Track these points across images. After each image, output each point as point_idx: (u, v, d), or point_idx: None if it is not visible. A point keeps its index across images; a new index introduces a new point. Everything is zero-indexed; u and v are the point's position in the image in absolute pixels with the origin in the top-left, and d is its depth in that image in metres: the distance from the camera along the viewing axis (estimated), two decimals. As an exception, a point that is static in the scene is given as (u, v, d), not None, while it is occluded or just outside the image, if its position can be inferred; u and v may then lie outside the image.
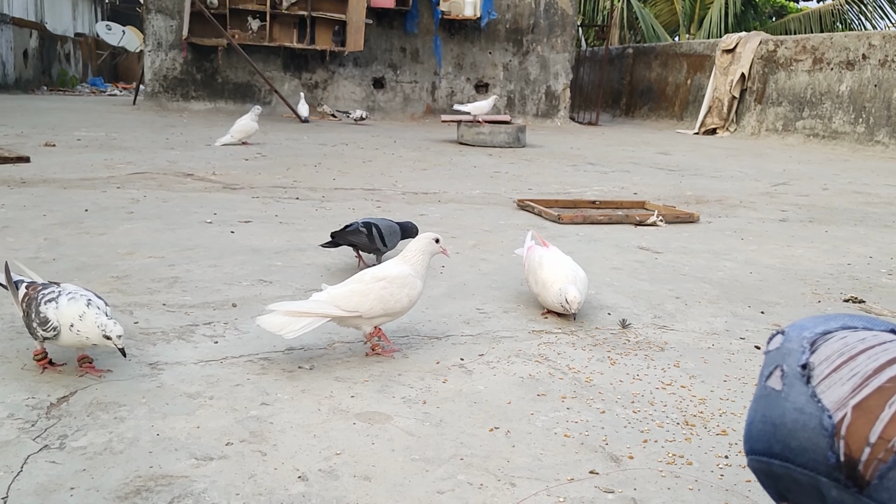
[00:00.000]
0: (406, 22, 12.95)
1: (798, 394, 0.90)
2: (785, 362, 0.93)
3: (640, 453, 1.64)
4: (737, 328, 2.57)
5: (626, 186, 6.14)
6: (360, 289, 2.08)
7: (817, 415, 0.87)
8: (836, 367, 0.89)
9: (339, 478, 1.48)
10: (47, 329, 1.82)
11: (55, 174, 5.19)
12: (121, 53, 23.85)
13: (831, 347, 0.91)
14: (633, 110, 16.17)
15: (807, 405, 0.88)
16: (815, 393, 0.88)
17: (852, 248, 4.02)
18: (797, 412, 0.89)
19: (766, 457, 0.94)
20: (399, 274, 2.15)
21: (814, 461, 0.87)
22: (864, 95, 10.81)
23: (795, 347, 0.94)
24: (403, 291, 2.12)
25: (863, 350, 0.89)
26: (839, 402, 0.86)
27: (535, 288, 2.60)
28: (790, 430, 0.90)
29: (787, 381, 0.92)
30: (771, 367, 0.96)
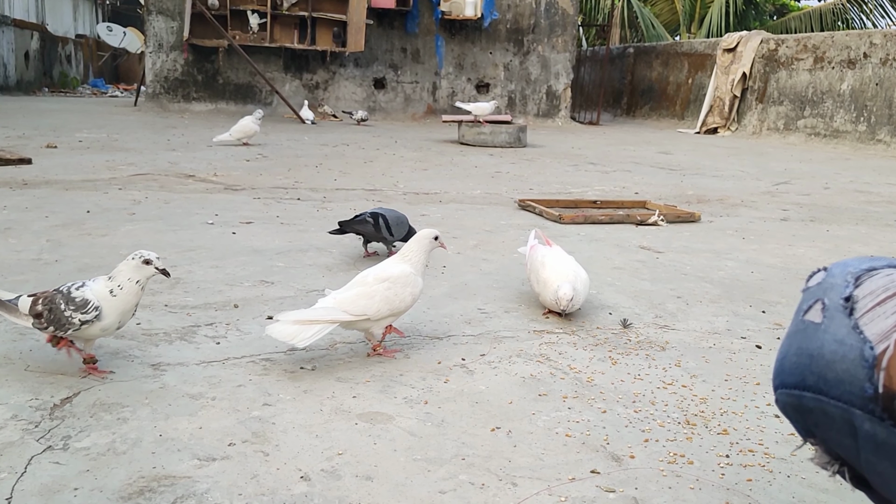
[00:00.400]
0: (407, 22, 12.96)
1: (839, 325, 0.88)
2: (826, 296, 0.92)
3: (641, 453, 1.65)
4: (738, 327, 2.57)
5: (627, 186, 6.15)
6: (366, 291, 2.09)
7: (858, 346, 0.85)
8: (880, 301, 0.87)
9: (342, 478, 1.48)
10: (88, 310, 1.81)
11: (57, 176, 5.20)
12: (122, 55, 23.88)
13: (877, 282, 0.90)
14: (634, 110, 16.17)
15: (848, 336, 0.87)
16: (858, 325, 0.87)
17: (854, 248, 4.02)
18: (837, 343, 0.87)
19: (799, 389, 0.92)
20: (401, 273, 2.16)
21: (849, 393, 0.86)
22: (866, 94, 10.80)
23: (839, 282, 0.92)
24: (406, 290, 2.14)
25: None
26: (882, 335, 0.84)
27: (537, 287, 2.60)
28: (828, 362, 0.88)
29: (829, 314, 0.90)
30: (810, 300, 0.94)
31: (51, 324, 1.85)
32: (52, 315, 1.84)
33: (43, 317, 1.85)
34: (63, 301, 1.83)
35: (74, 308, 1.82)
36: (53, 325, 1.85)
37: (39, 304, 1.86)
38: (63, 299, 1.83)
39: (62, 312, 1.82)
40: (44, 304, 1.86)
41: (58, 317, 1.83)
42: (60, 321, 1.84)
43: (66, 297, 1.83)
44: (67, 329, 1.84)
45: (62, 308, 1.82)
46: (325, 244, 3.53)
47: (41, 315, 1.85)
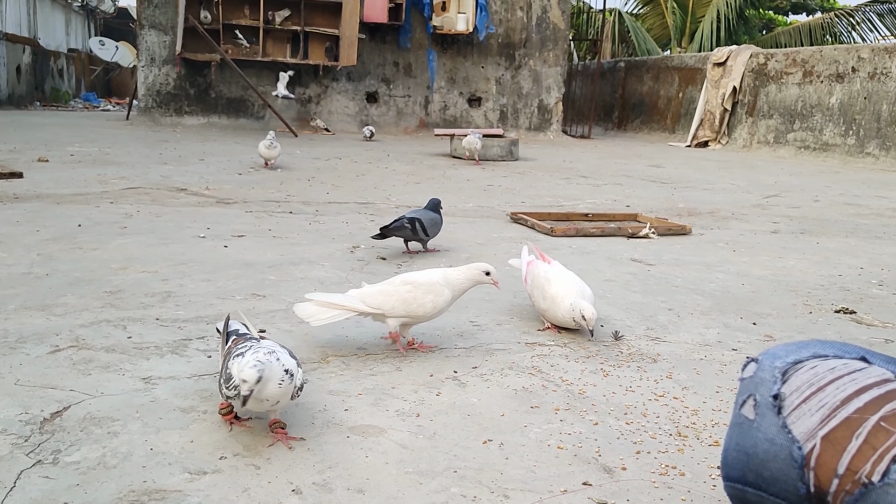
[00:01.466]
0: (399, 37, 13.02)
1: (769, 424, 0.91)
2: (757, 391, 0.94)
3: (633, 464, 1.65)
4: (729, 339, 2.58)
5: (618, 199, 6.17)
6: (388, 289, 2.23)
7: (787, 446, 0.88)
8: (806, 398, 0.90)
9: (333, 491, 1.48)
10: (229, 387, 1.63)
11: (48, 189, 5.19)
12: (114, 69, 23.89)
13: (802, 377, 0.92)
14: (625, 123, 16.26)
15: (778, 436, 0.89)
16: (786, 424, 0.89)
17: (843, 260, 4.04)
18: (769, 442, 0.90)
19: (741, 484, 0.95)
20: (427, 281, 2.24)
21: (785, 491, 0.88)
22: (855, 108, 10.89)
23: (767, 377, 0.95)
24: (428, 297, 2.22)
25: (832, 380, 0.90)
26: (809, 433, 0.87)
27: (543, 304, 2.59)
28: (762, 460, 0.91)
29: (760, 411, 0.93)
30: (745, 395, 0.97)
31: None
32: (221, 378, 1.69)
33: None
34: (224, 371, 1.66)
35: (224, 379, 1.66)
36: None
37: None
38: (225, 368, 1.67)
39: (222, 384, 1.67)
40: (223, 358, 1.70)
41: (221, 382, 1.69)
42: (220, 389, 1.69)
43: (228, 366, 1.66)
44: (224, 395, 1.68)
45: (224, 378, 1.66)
46: (316, 257, 3.53)
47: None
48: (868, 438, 0.82)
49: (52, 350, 2.16)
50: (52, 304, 2.61)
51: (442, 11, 13.14)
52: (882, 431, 0.82)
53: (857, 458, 0.82)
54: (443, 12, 13.14)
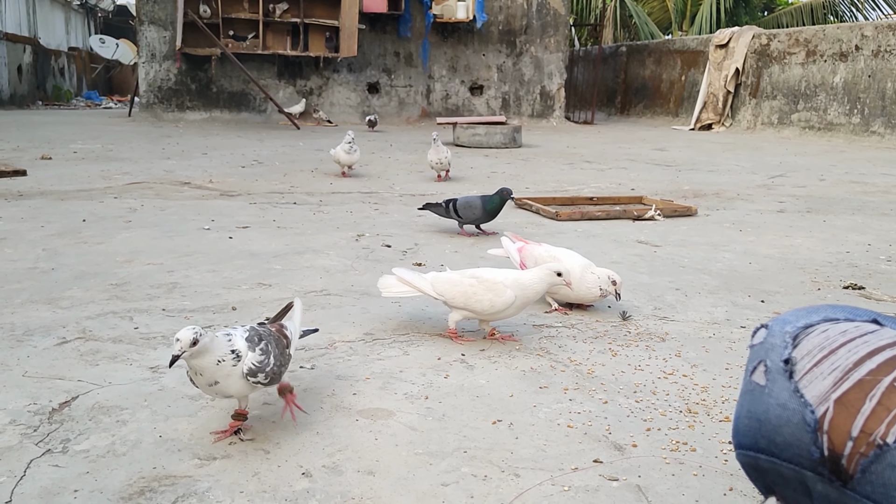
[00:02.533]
0: (399, 26, 12.97)
1: (781, 389, 0.90)
2: (768, 357, 0.93)
3: (643, 441, 1.64)
4: (737, 317, 2.57)
5: (623, 183, 6.14)
6: (454, 279, 2.26)
7: (800, 410, 0.87)
8: (817, 362, 0.89)
9: (343, 473, 1.47)
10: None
11: (52, 186, 5.19)
12: (115, 66, 23.86)
13: (813, 341, 0.91)
14: (628, 108, 16.19)
15: (790, 400, 0.88)
16: (798, 388, 0.88)
17: (850, 237, 4.02)
18: (780, 408, 0.89)
19: (753, 451, 0.94)
20: (491, 278, 2.23)
21: (798, 456, 0.87)
22: (859, 86, 10.82)
23: (778, 342, 0.93)
24: (487, 295, 2.20)
25: (843, 343, 0.89)
26: (821, 397, 0.86)
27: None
28: (774, 426, 0.90)
29: (771, 377, 0.92)
30: (755, 361, 0.96)
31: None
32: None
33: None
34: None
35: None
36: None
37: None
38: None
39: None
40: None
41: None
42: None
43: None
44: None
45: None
46: (321, 246, 3.53)
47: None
48: (882, 400, 0.81)
49: (59, 342, 2.16)
50: (59, 297, 2.61)
51: (441, 0, 13.08)
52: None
53: (871, 419, 0.81)
54: (442, 1, 13.09)
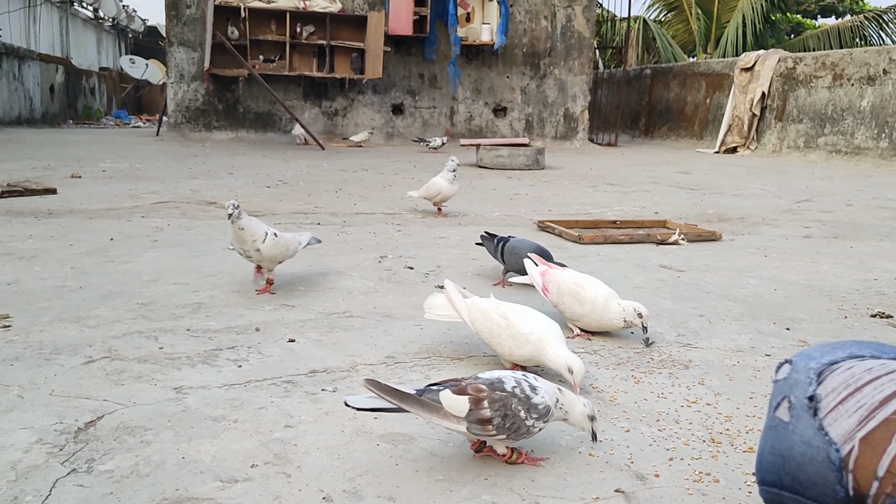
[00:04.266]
0: (424, 49, 13.09)
1: (805, 426, 0.89)
2: (792, 393, 0.93)
3: (666, 471, 1.63)
4: (762, 345, 2.54)
5: (646, 206, 6.12)
6: (489, 312, 2.20)
7: (824, 448, 0.86)
8: (842, 399, 0.88)
9: (364, 498, 1.48)
10: (547, 419, 1.62)
11: (81, 205, 5.27)
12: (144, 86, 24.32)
13: (837, 379, 0.90)
14: (652, 131, 16.16)
15: (814, 438, 0.87)
16: (823, 425, 0.87)
17: (878, 264, 3.97)
18: (805, 445, 0.88)
19: (777, 488, 0.93)
20: (518, 326, 2.12)
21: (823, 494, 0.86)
22: (887, 110, 10.72)
23: (802, 378, 0.93)
24: (508, 343, 2.13)
25: (869, 381, 0.88)
26: (846, 435, 0.85)
27: (580, 309, 2.55)
28: (798, 464, 0.89)
29: (795, 413, 0.91)
30: (779, 397, 0.95)
31: (504, 431, 1.56)
32: (509, 423, 1.56)
33: (493, 423, 1.55)
34: (523, 407, 1.57)
35: (537, 417, 1.59)
36: (508, 433, 1.57)
37: (486, 407, 1.55)
38: (523, 405, 1.57)
39: (523, 421, 1.57)
40: (494, 410, 1.55)
41: (518, 425, 1.57)
42: (520, 430, 1.58)
43: (527, 404, 1.58)
44: (523, 438, 1.60)
45: (522, 416, 1.57)
46: (344, 267, 3.55)
47: (489, 421, 1.55)
48: None
49: (85, 361, 2.19)
50: (86, 315, 2.65)
51: (466, 23, 13.20)
52: None
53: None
54: (467, 23, 13.20)
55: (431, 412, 1.57)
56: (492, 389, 1.58)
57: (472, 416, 1.55)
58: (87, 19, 23.85)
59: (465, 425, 1.56)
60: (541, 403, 1.60)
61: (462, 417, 1.56)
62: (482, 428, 1.56)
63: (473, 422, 1.55)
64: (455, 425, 1.57)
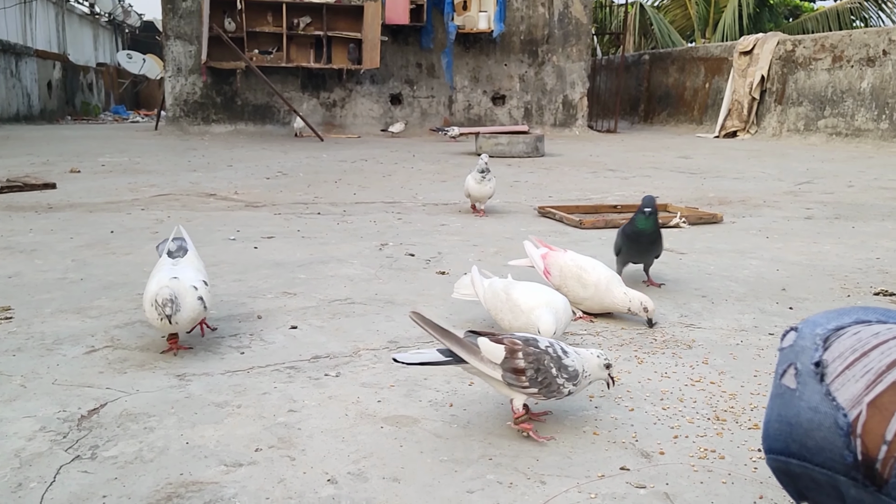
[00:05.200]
0: (421, 38, 13.04)
1: (812, 392, 0.88)
2: (798, 360, 0.92)
3: (671, 449, 1.62)
4: (765, 324, 2.54)
5: (647, 190, 6.10)
6: (496, 288, 2.28)
7: (832, 413, 0.85)
8: (849, 364, 0.87)
9: (369, 480, 1.47)
10: (578, 382, 1.68)
11: (81, 199, 5.27)
12: (142, 81, 24.25)
13: (844, 344, 0.89)
14: (651, 116, 16.12)
15: (821, 404, 0.87)
16: (830, 391, 0.87)
17: (881, 243, 3.96)
18: (812, 411, 0.88)
19: (784, 456, 0.93)
20: (516, 299, 2.19)
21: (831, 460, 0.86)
22: (887, 91, 10.68)
23: (808, 345, 0.92)
24: (507, 316, 2.21)
25: (876, 345, 0.87)
26: (854, 400, 0.84)
27: (583, 292, 2.54)
28: (806, 430, 0.88)
29: (801, 380, 0.90)
30: (785, 364, 0.94)
31: (536, 385, 1.64)
32: (542, 377, 1.64)
33: (526, 375, 1.63)
34: (555, 366, 1.65)
35: (567, 378, 1.66)
36: (540, 387, 1.65)
37: (520, 358, 1.64)
38: (555, 364, 1.65)
39: (555, 378, 1.65)
40: (528, 362, 1.64)
41: (549, 381, 1.65)
42: (551, 386, 1.65)
43: (559, 363, 1.65)
44: (553, 396, 1.68)
45: (554, 373, 1.64)
46: (345, 255, 3.54)
47: (523, 371, 1.63)
48: None
49: (87, 350, 2.19)
50: (87, 306, 2.64)
51: (463, 11, 13.14)
52: None
53: None
54: (464, 11, 13.14)
55: (470, 354, 1.65)
56: (526, 345, 1.67)
57: (507, 363, 1.63)
58: (84, 15, 23.78)
59: (501, 373, 1.64)
60: (571, 366, 1.67)
61: (498, 364, 1.64)
62: (516, 378, 1.64)
63: (508, 370, 1.63)
64: (491, 371, 1.64)
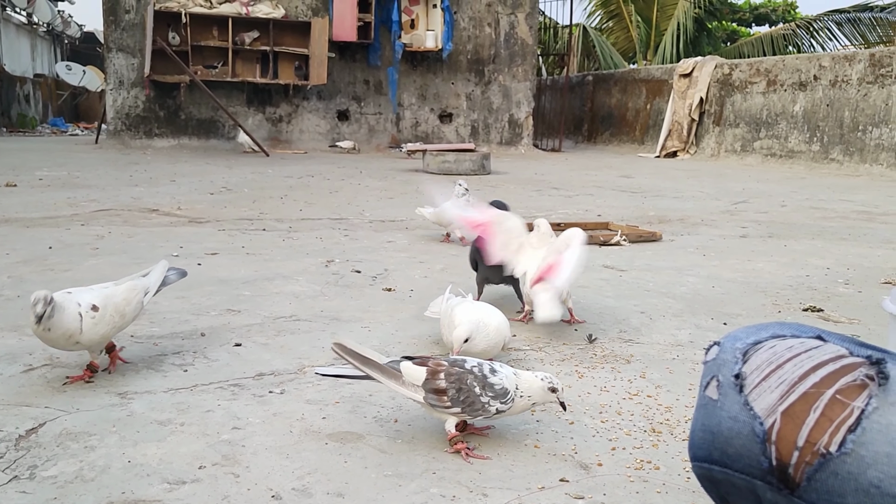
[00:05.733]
0: (369, 55, 13.08)
1: (732, 403, 0.95)
2: (720, 372, 0.98)
3: (608, 460, 1.68)
4: (700, 339, 2.63)
5: (590, 209, 6.24)
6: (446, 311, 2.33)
7: (749, 422, 0.92)
8: (765, 376, 0.94)
9: (313, 495, 1.49)
10: (507, 401, 1.69)
11: (17, 213, 5.14)
12: (82, 93, 23.68)
13: (761, 357, 0.96)
14: (595, 136, 16.44)
15: (740, 413, 0.93)
16: (748, 401, 0.93)
17: (810, 261, 4.13)
18: (732, 420, 0.94)
19: (707, 463, 0.99)
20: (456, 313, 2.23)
21: (749, 466, 0.92)
22: (818, 115, 11.12)
23: (729, 358, 0.98)
24: (448, 328, 2.23)
25: (789, 358, 0.94)
26: (769, 409, 0.91)
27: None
28: (727, 438, 0.95)
29: (723, 391, 0.96)
30: (708, 377, 1.00)
31: (459, 405, 1.68)
32: (464, 396, 1.68)
33: (448, 395, 1.68)
34: (479, 384, 1.68)
35: (493, 396, 1.68)
36: (463, 406, 1.68)
37: (441, 378, 1.69)
38: (479, 383, 1.68)
39: (478, 397, 1.68)
40: (450, 382, 1.68)
41: (472, 400, 1.68)
42: (475, 405, 1.68)
43: (483, 382, 1.68)
44: (479, 415, 1.70)
45: (477, 392, 1.68)
46: (291, 272, 3.54)
47: (444, 392, 1.68)
48: (825, 411, 0.86)
49: (25, 369, 2.15)
50: (25, 324, 2.58)
51: (411, 29, 13.24)
52: (838, 404, 0.86)
53: (815, 430, 0.86)
54: (412, 30, 13.25)
55: (391, 378, 1.73)
56: (451, 365, 1.72)
57: (428, 385, 1.70)
58: (21, 24, 23.15)
59: (423, 394, 1.70)
60: (497, 384, 1.69)
61: (419, 385, 1.70)
62: (438, 398, 1.69)
63: (430, 391, 1.69)
64: (413, 394, 1.71)
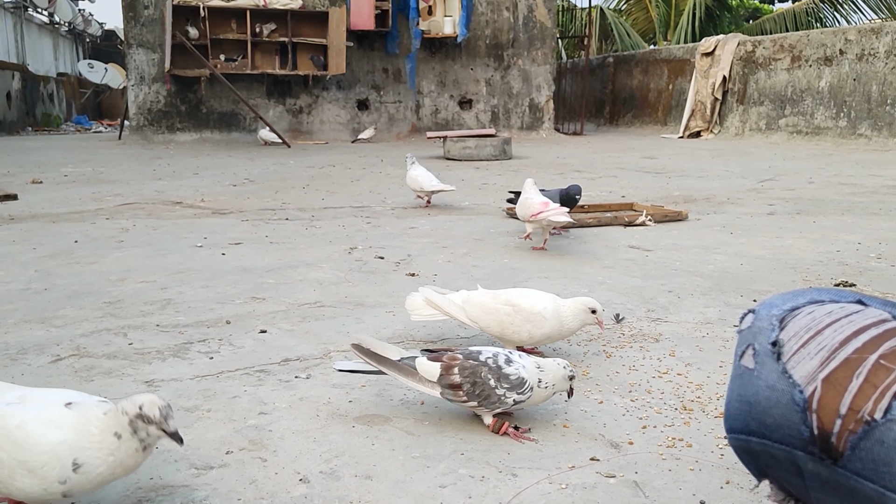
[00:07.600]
0: (387, 43, 13.04)
1: (769, 371, 0.91)
2: (756, 340, 0.94)
3: (639, 439, 1.65)
4: (730, 317, 2.58)
5: (613, 190, 6.17)
6: (490, 305, 2.12)
7: (788, 391, 0.88)
8: (804, 343, 0.90)
9: (341, 478, 1.48)
10: (524, 391, 1.65)
11: (43, 209, 5.19)
12: (104, 90, 23.90)
13: (799, 323, 0.92)
14: (616, 118, 16.28)
15: (778, 382, 0.89)
16: (786, 369, 0.89)
17: (841, 237, 4.05)
18: (770, 389, 0.90)
19: (745, 434, 0.95)
20: (530, 308, 2.07)
21: (789, 436, 0.89)
22: (844, 90, 10.91)
23: (765, 325, 0.95)
24: (525, 326, 2.08)
25: (829, 323, 0.90)
26: (809, 377, 0.87)
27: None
28: (764, 408, 0.91)
29: (759, 360, 0.93)
30: (743, 346, 0.97)
31: (475, 398, 1.65)
32: (479, 390, 1.65)
33: (463, 389, 1.65)
34: (494, 377, 1.64)
35: (509, 387, 1.64)
36: (479, 399, 1.65)
37: (456, 373, 1.66)
38: (493, 375, 1.65)
39: (493, 389, 1.64)
40: (464, 377, 1.65)
41: (488, 393, 1.65)
42: (490, 398, 1.65)
43: (498, 373, 1.65)
44: (496, 407, 1.66)
45: (492, 384, 1.64)
46: (314, 260, 3.53)
47: (459, 387, 1.66)
48: (868, 377, 0.83)
49: (53, 359, 2.16)
50: (52, 316, 2.61)
51: (428, 16, 13.18)
52: (882, 369, 0.82)
53: (858, 397, 0.82)
54: (429, 16, 13.18)
55: (407, 376, 1.71)
56: (465, 358, 1.68)
57: (443, 380, 1.67)
58: (43, 24, 23.39)
59: (440, 390, 1.68)
60: (513, 374, 1.65)
61: (435, 382, 1.68)
62: (454, 393, 1.67)
63: (445, 387, 1.67)
64: (430, 390, 1.69)
